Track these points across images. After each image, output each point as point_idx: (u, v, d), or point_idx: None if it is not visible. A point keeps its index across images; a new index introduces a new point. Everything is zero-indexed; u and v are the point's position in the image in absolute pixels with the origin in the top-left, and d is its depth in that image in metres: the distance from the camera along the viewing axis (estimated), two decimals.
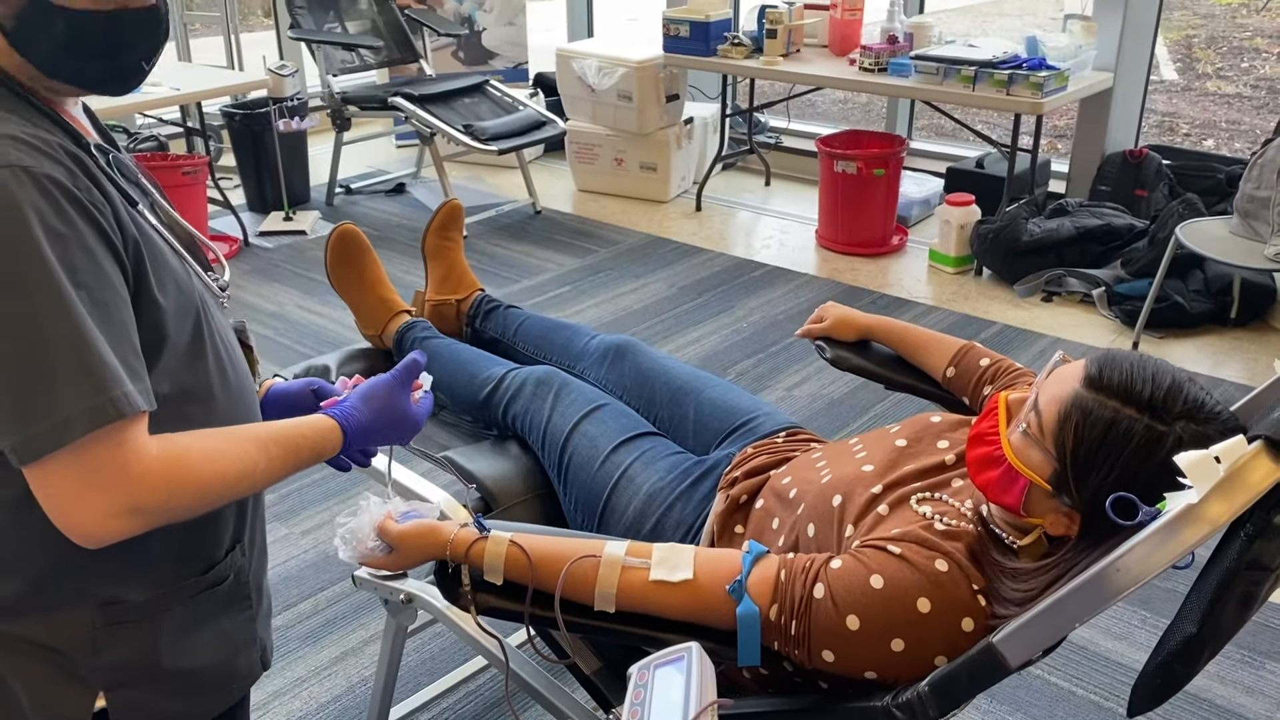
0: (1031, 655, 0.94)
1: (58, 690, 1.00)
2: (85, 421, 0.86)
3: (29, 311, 0.84)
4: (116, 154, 1.00)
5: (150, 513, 0.92)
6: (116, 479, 0.89)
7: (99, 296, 0.88)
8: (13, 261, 0.83)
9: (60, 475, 0.88)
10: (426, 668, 2.17)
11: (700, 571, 1.15)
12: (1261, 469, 0.78)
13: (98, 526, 0.90)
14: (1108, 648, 2.19)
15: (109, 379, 0.87)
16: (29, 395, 0.85)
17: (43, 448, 0.86)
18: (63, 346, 0.85)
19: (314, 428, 1.08)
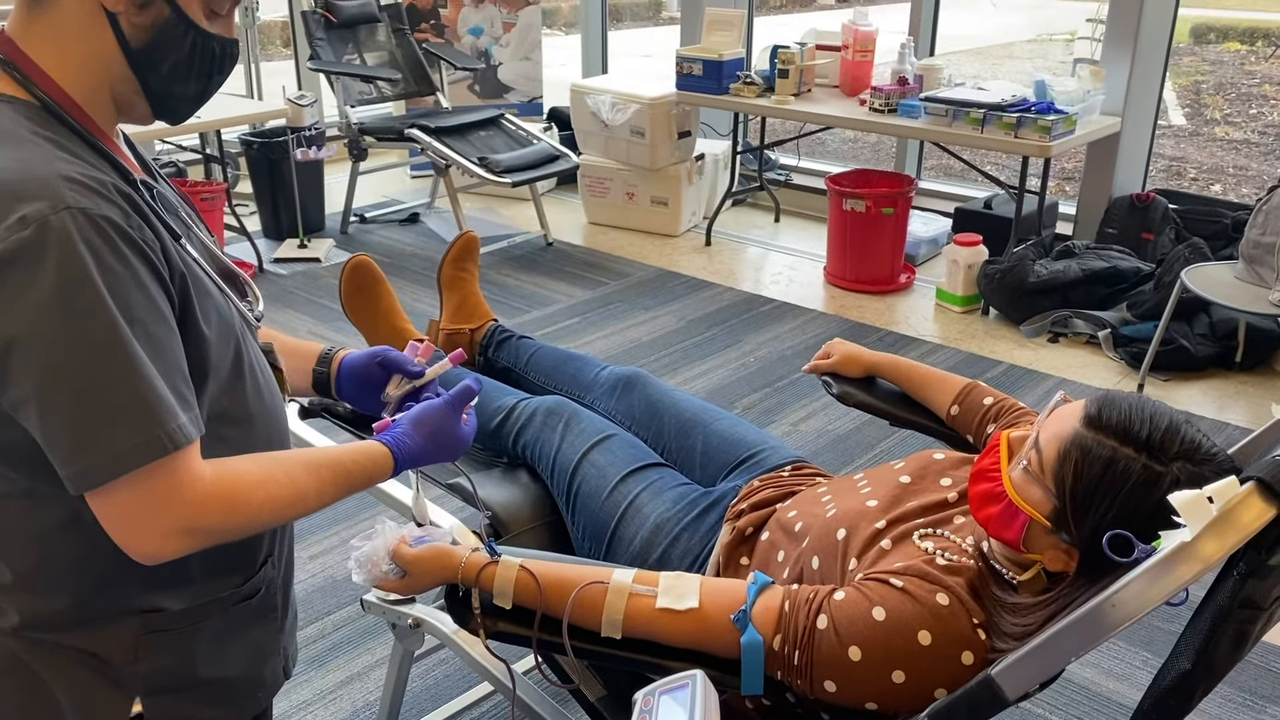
0: (1029, 688, 0.96)
1: (98, 696, 1.04)
2: (141, 455, 0.90)
3: (87, 349, 0.87)
4: (159, 189, 1.04)
5: (206, 533, 0.96)
6: (173, 504, 0.93)
7: (153, 331, 0.91)
8: (72, 301, 0.87)
9: (119, 502, 0.92)
10: (431, 694, 2.18)
11: (706, 600, 1.17)
12: (1253, 510, 0.81)
13: (157, 547, 0.94)
14: (1110, 688, 2.20)
15: (163, 413, 0.90)
16: (87, 429, 0.88)
17: (100, 479, 0.90)
18: (119, 382, 0.88)
19: (367, 455, 1.11)
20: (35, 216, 0.86)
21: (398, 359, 1.34)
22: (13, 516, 0.99)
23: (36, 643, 1.03)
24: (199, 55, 1.00)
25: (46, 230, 0.86)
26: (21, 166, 0.89)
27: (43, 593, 1.01)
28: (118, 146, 1.03)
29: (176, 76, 1.00)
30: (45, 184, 0.88)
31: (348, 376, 1.34)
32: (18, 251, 0.86)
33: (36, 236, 0.86)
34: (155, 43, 0.97)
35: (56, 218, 0.86)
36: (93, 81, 0.98)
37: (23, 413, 0.90)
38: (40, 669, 1.03)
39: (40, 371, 0.87)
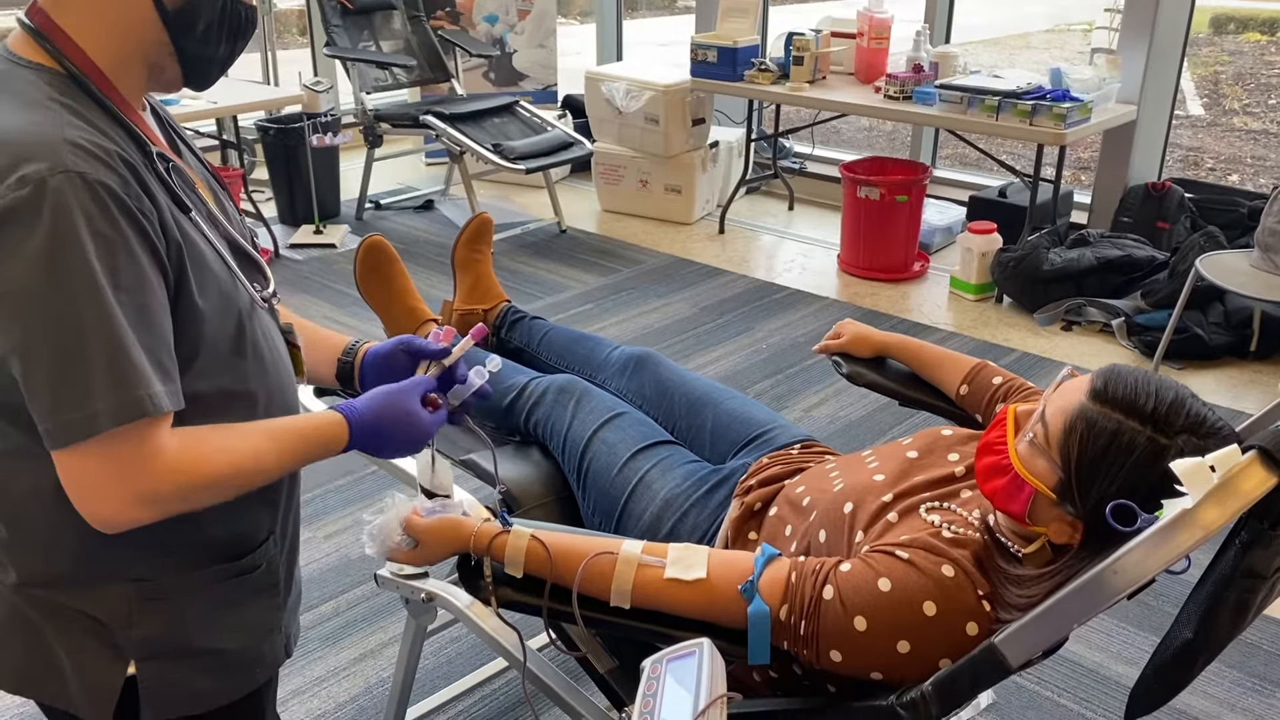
0: (1032, 655, 0.97)
1: (95, 656, 1.06)
2: (111, 417, 0.91)
3: (72, 310, 0.90)
4: (179, 163, 1.06)
5: (165, 501, 0.98)
6: (135, 472, 0.95)
7: (139, 300, 0.94)
8: (59, 261, 0.89)
9: (84, 464, 0.94)
10: (443, 671, 2.21)
11: (713, 571, 1.19)
12: (1255, 478, 0.81)
13: (114, 514, 0.96)
14: (1118, 672, 2.20)
15: (137, 380, 0.92)
16: (65, 387, 0.91)
17: (72, 437, 0.92)
18: (99, 345, 0.91)
19: (324, 420, 1.12)
20: (33, 177, 0.89)
21: (421, 345, 1.35)
22: (10, 474, 1.01)
23: (36, 600, 1.05)
24: (229, 18, 1.04)
25: (43, 190, 0.88)
26: (31, 129, 0.92)
27: (38, 551, 1.04)
28: (140, 118, 1.05)
29: (209, 38, 1.03)
30: (49, 147, 0.91)
31: (371, 366, 1.35)
32: (14, 209, 0.89)
33: (33, 196, 0.88)
34: (191, 3, 1.00)
35: (54, 179, 0.89)
36: (123, 49, 1.00)
37: (10, 366, 0.92)
38: (40, 624, 1.06)
39: (25, 327, 0.90)
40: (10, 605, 1.06)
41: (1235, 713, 2.10)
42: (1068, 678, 2.19)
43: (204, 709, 1.13)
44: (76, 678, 1.07)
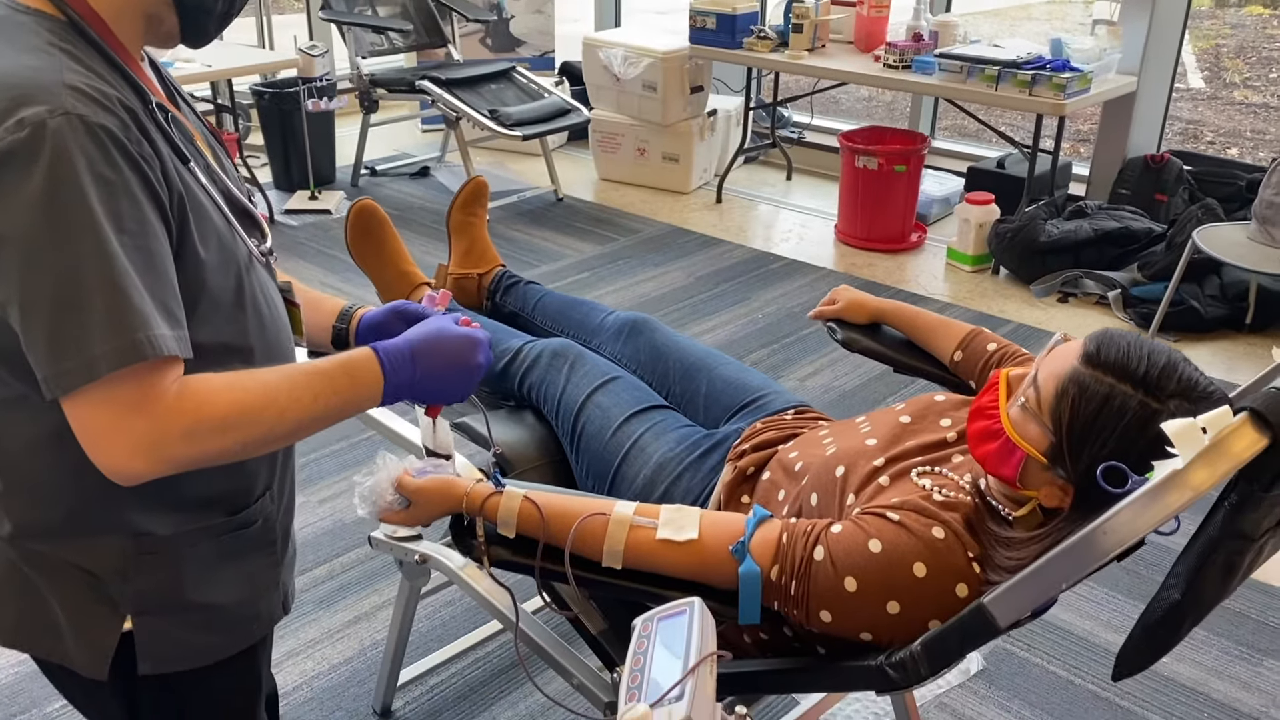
0: (1020, 615, 0.98)
1: (90, 610, 1.06)
2: (111, 360, 0.90)
3: (70, 252, 0.88)
4: (177, 115, 1.05)
5: (170, 447, 0.94)
6: (137, 415, 0.92)
7: (142, 243, 0.92)
8: (59, 204, 0.88)
9: (90, 411, 0.92)
10: (436, 634, 2.22)
11: (705, 532, 1.19)
12: (1245, 439, 0.82)
13: (124, 464, 0.93)
14: (1107, 639, 2.22)
15: (138, 322, 0.91)
16: (63, 331, 0.89)
17: (71, 383, 0.90)
18: (98, 288, 0.89)
19: (350, 354, 1.07)
20: (33, 119, 0.88)
21: (417, 310, 1.33)
22: (6, 424, 1.00)
23: (31, 552, 1.05)
24: None
25: (42, 133, 0.87)
26: (30, 73, 0.91)
27: (33, 503, 1.03)
28: (140, 68, 1.04)
29: None
30: (48, 90, 0.90)
31: (367, 331, 1.32)
32: (12, 152, 0.87)
33: (32, 138, 0.87)
34: None
35: (54, 121, 0.88)
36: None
37: (9, 312, 0.91)
38: (36, 578, 1.06)
39: (24, 271, 0.89)
40: (5, 559, 1.06)
41: (1223, 680, 2.12)
42: (1057, 645, 2.21)
43: (200, 663, 1.13)
44: (72, 632, 1.07)
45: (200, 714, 1.19)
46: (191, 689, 1.15)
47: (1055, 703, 2.06)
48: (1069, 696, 2.08)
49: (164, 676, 1.11)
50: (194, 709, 1.18)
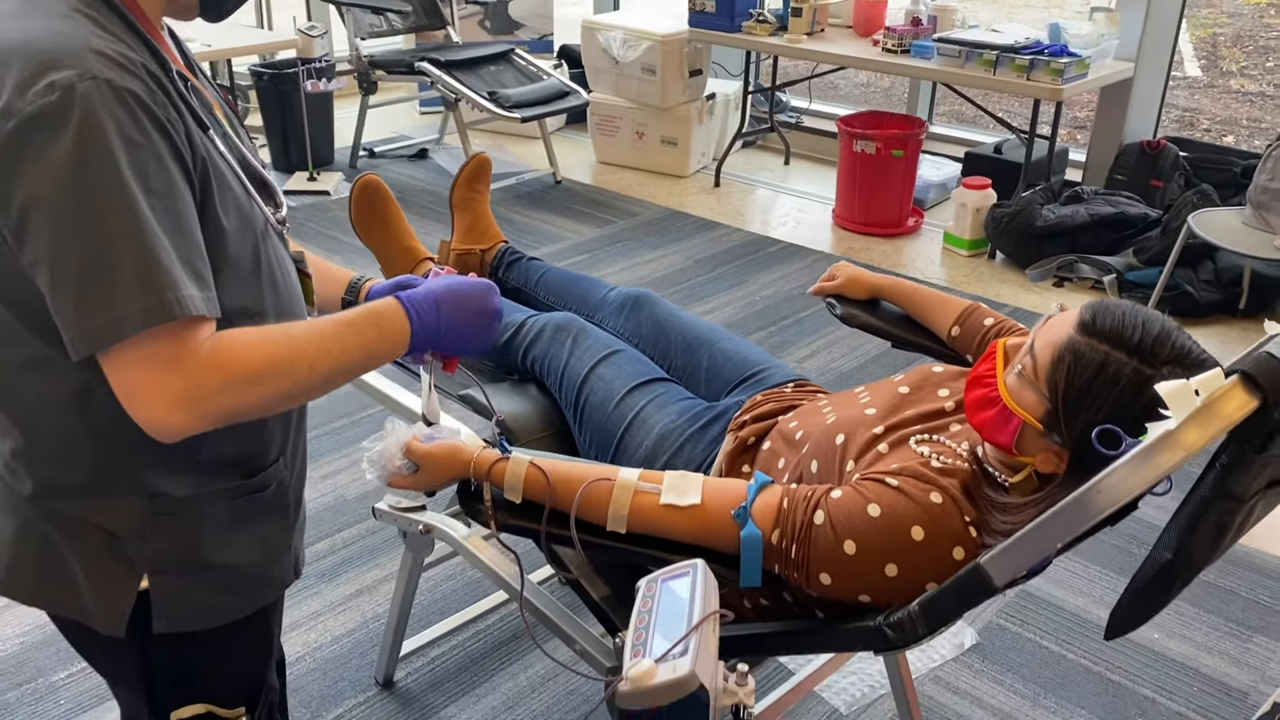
0: (1016, 574, 1.00)
1: (108, 568, 1.08)
2: (139, 320, 0.91)
3: (100, 214, 0.90)
4: (195, 84, 1.06)
5: (208, 401, 0.95)
6: (172, 371, 0.94)
7: (170, 205, 0.94)
8: (88, 166, 0.90)
9: (125, 370, 0.94)
10: (437, 607, 2.24)
11: (708, 497, 1.22)
12: (1236, 400, 0.84)
13: (162, 420, 0.95)
14: (1099, 615, 2.25)
15: (165, 282, 0.93)
16: (92, 291, 0.91)
17: (100, 343, 0.92)
18: (126, 250, 0.91)
19: (377, 304, 1.09)
20: (62, 83, 0.89)
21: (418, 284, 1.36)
22: (30, 384, 1.02)
23: (51, 511, 1.07)
24: None
25: (71, 96, 0.89)
26: (56, 38, 0.92)
27: (54, 462, 1.05)
28: (161, 37, 1.05)
29: None
30: (75, 55, 0.91)
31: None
32: (43, 115, 0.89)
33: (61, 102, 0.89)
34: None
35: (82, 85, 0.89)
36: None
37: (38, 273, 0.93)
38: (56, 536, 1.08)
39: (54, 232, 0.90)
40: (25, 517, 1.08)
41: (1213, 655, 2.15)
42: (1050, 620, 2.24)
43: (214, 623, 1.16)
44: (90, 590, 1.09)
45: (213, 673, 1.21)
46: (205, 648, 1.17)
47: (1047, 676, 2.10)
48: (1061, 670, 2.11)
49: (178, 635, 1.14)
50: (207, 668, 1.20)
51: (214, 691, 1.22)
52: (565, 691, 2.04)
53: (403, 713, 1.99)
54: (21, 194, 0.90)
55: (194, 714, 1.21)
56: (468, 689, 2.04)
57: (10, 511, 1.09)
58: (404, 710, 2.00)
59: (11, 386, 1.03)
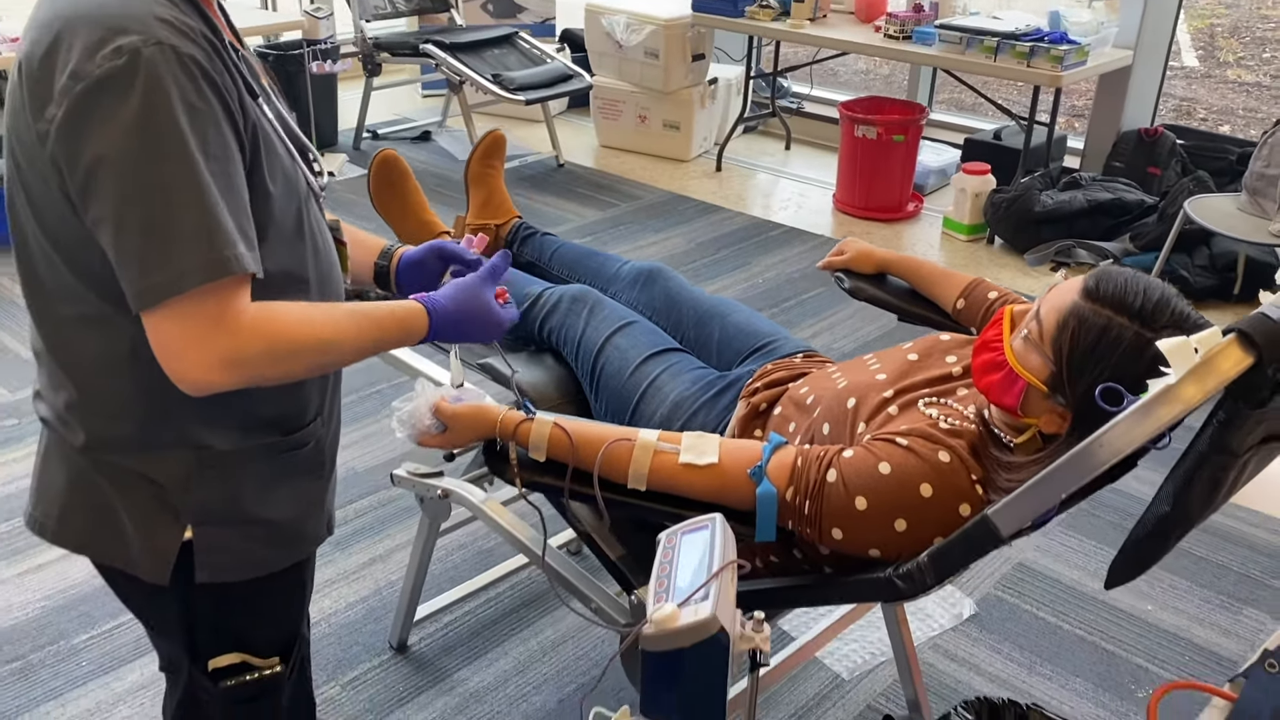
0: (1021, 525, 1.05)
1: (155, 519, 1.13)
2: (200, 274, 0.96)
3: (163, 173, 0.95)
4: (243, 52, 1.11)
5: (247, 365, 1.02)
6: (220, 332, 0.99)
7: (224, 168, 0.99)
8: (152, 128, 0.94)
9: (172, 326, 0.98)
10: (449, 575, 2.30)
11: (725, 457, 1.27)
12: (1232, 357, 0.89)
13: (200, 376, 1.00)
14: (1094, 588, 2.31)
15: (225, 240, 0.98)
16: (154, 248, 0.96)
17: (160, 295, 0.96)
18: (189, 207, 0.96)
19: (404, 309, 1.19)
20: (129, 48, 0.94)
21: (455, 250, 1.42)
22: (86, 340, 1.07)
23: (102, 462, 1.12)
24: None
25: (137, 60, 0.93)
26: (122, 5, 0.97)
27: (107, 416, 1.10)
28: (213, 7, 1.10)
29: None
30: (141, 21, 0.96)
31: (407, 269, 1.42)
32: (111, 78, 0.93)
33: (128, 65, 0.93)
34: None
35: (148, 50, 0.94)
36: None
37: (101, 231, 0.97)
38: (106, 487, 1.12)
39: (119, 190, 0.95)
40: (78, 468, 1.13)
41: (1204, 627, 2.22)
42: (1046, 592, 2.30)
43: (253, 575, 1.21)
44: (137, 539, 1.13)
45: (250, 623, 1.26)
46: (242, 599, 1.22)
47: (1044, 646, 2.16)
48: (1057, 640, 2.17)
49: (218, 586, 1.19)
50: (245, 618, 1.25)
51: (250, 641, 1.27)
52: (575, 656, 2.09)
53: (417, 675, 2.04)
54: (89, 154, 0.94)
55: (230, 662, 1.26)
56: (480, 653, 2.10)
57: (63, 463, 1.14)
58: (418, 673, 2.05)
59: (68, 342, 1.08)
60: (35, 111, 0.98)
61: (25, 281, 1.08)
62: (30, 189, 1.02)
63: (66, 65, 0.95)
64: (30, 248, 1.06)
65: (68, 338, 1.07)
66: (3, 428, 2.80)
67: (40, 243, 1.04)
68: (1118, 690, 2.04)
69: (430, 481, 1.76)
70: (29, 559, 2.32)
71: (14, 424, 2.82)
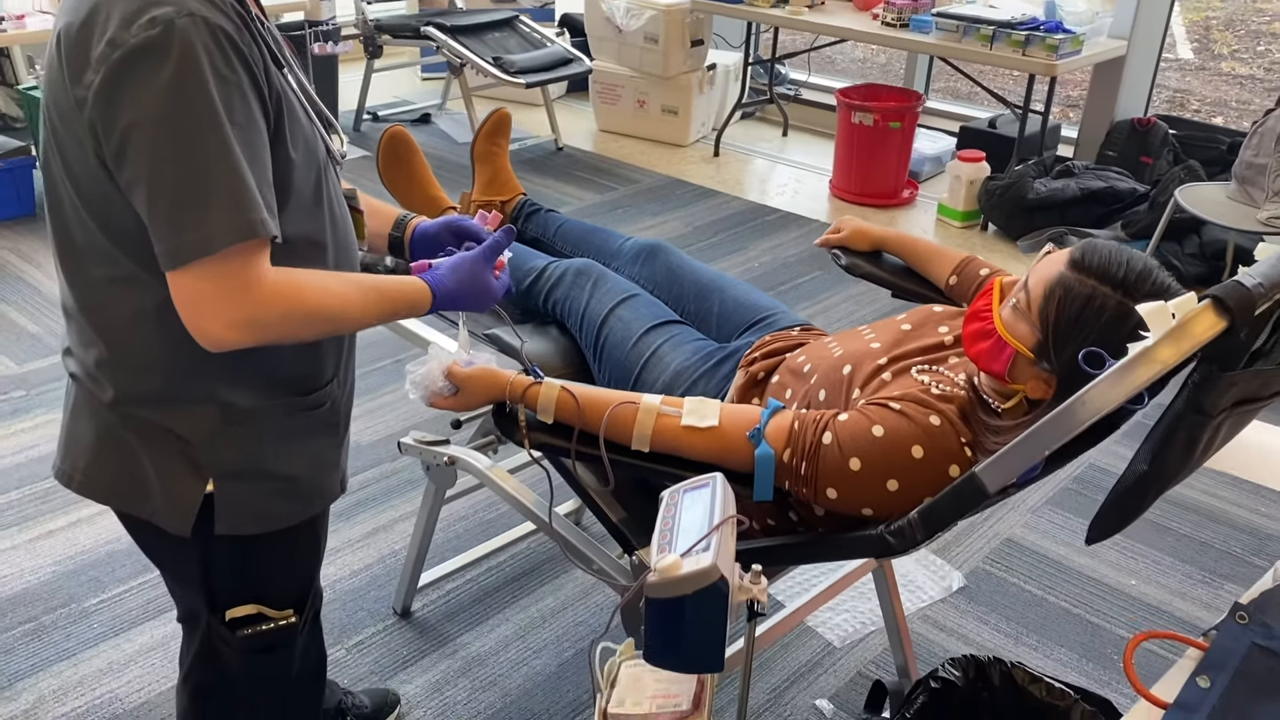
0: (1007, 481, 1.11)
1: (179, 472, 1.18)
2: (229, 236, 1.01)
3: (195, 138, 1.00)
4: (268, 24, 1.15)
5: (265, 327, 1.08)
6: (242, 293, 1.05)
7: (249, 137, 1.04)
8: (185, 95, 0.99)
9: (197, 284, 1.04)
10: (451, 545, 2.35)
11: (725, 420, 1.32)
12: (1206, 321, 0.94)
13: (220, 333, 1.06)
14: (1080, 563, 2.37)
15: (252, 204, 1.03)
16: (187, 210, 1.01)
17: (191, 255, 1.02)
18: (219, 171, 1.01)
19: (410, 286, 1.25)
20: (163, 18, 0.98)
21: (468, 226, 1.48)
22: (116, 299, 1.12)
23: (129, 417, 1.17)
24: None
25: (171, 30, 0.98)
26: None
27: (135, 371, 1.15)
28: None
29: None
30: None
31: (420, 240, 1.48)
32: (146, 47, 0.98)
33: (163, 35, 0.98)
34: None
35: (181, 21, 0.99)
36: None
37: (134, 194, 1.02)
38: (134, 441, 1.18)
39: (153, 154, 1.00)
40: (106, 422, 1.18)
41: (1186, 601, 2.28)
42: (1033, 567, 2.36)
43: (271, 528, 1.26)
44: (161, 491, 1.19)
45: (267, 575, 1.32)
46: (260, 551, 1.28)
47: (1030, 617, 2.22)
48: (1042, 612, 2.23)
49: (238, 538, 1.24)
50: (262, 570, 1.31)
51: (267, 593, 1.32)
52: (574, 623, 2.15)
53: (420, 639, 2.10)
54: (124, 119, 0.99)
55: (247, 613, 1.32)
56: (481, 619, 2.16)
57: (91, 418, 1.19)
58: (421, 637, 2.10)
59: (100, 301, 1.12)
60: (73, 78, 1.02)
61: (59, 244, 1.13)
62: (66, 153, 1.07)
63: (104, 34, 0.99)
64: (65, 211, 1.10)
65: (100, 297, 1.12)
66: (10, 399, 2.85)
67: (75, 205, 1.09)
68: (1101, 660, 2.11)
69: (437, 449, 1.81)
70: (39, 525, 2.37)
71: (21, 395, 2.86)
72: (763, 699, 1.99)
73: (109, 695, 1.94)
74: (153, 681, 1.97)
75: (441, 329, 1.96)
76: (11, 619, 2.11)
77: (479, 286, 1.32)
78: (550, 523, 1.55)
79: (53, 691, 1.95)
